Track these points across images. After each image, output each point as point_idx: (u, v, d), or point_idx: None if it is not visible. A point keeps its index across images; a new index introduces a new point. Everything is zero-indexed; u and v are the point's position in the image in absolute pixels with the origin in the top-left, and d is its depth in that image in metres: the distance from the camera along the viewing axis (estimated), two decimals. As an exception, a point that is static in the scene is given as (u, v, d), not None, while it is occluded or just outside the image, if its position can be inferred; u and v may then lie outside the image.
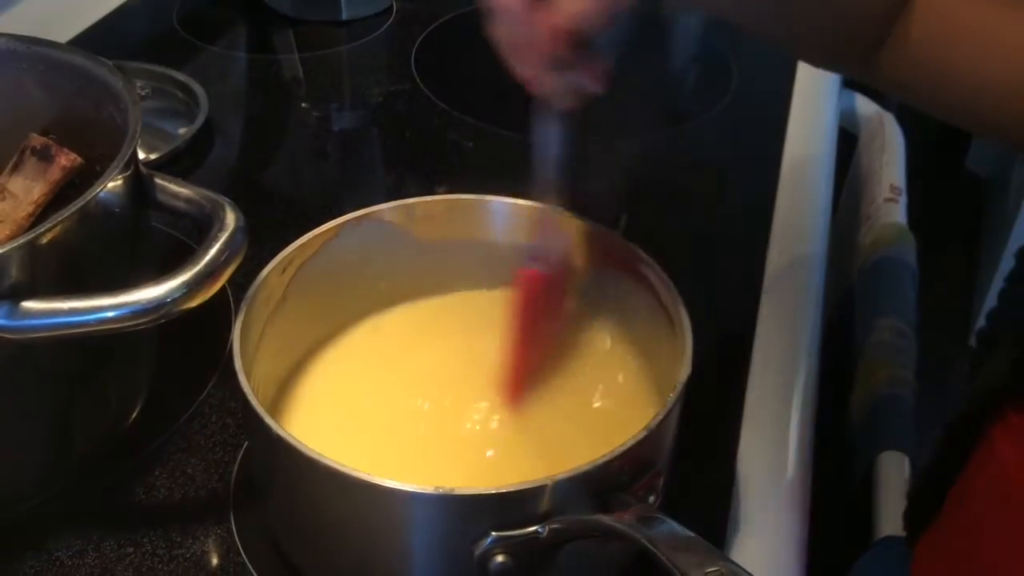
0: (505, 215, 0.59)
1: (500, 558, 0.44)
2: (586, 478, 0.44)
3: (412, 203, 0.58)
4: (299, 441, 0.44)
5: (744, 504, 0.57)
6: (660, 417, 0.46)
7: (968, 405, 0.53)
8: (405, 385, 0.57)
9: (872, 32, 0.53)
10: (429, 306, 0.61)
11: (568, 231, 0.57)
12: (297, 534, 0.51)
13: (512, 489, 0.43)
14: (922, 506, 0.60)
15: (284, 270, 0.54)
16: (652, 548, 0.41)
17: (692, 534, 0.42)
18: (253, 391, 0.47)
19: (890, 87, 0.57)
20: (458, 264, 0.60)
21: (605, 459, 0.44)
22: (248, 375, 0.48)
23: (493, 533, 0.44)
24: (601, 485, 0.45)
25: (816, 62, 0.58)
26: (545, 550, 0.45)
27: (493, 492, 0.43)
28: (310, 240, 0.55)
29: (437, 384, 0.57)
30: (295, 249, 0.54)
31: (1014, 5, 0.50)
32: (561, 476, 0.43)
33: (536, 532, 0.44)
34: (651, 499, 0.46)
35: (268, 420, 0.45)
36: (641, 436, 0.45)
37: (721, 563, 0.40)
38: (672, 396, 0.47)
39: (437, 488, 0.43)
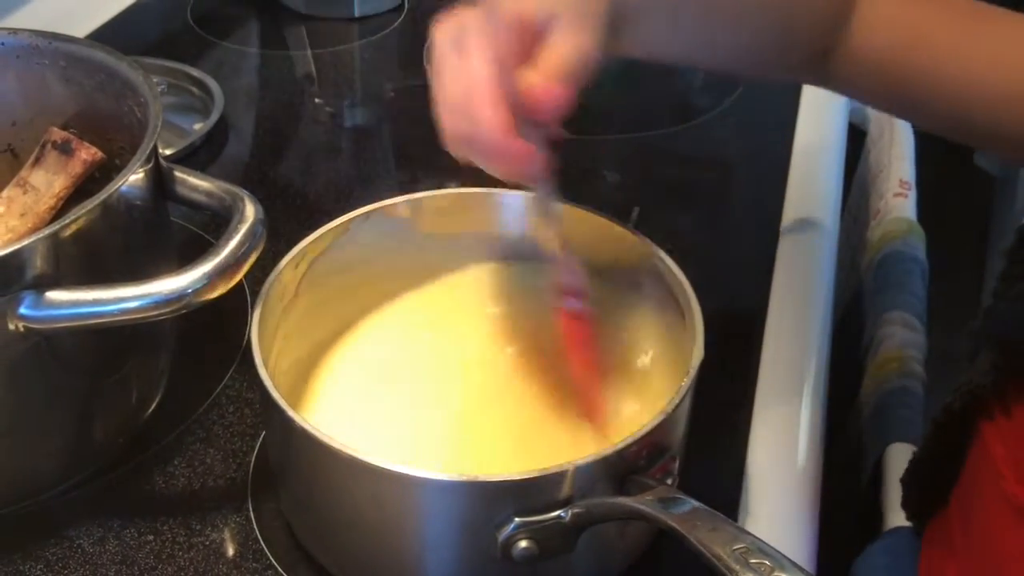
0: (515, 207, 0.59)
1: (524, 543, 0.45)
2: (606, 462, 0.45)
3: (420, 197, 0.58)
4: (320, 431, 0.45)
5: (755, 495, 0.57)
6: (676, 402, 0.47)
7: (952, 400, 0.54)
8: (420, 376, 0.58)
9: (820, 40, 0.55)
10: (441, 298, 0.62)
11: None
12: (313, 524, 0.52)
13: (535, 475, 0.43)
14: (919, 496, 0.61)
15: (297, 265, 0.54)
16: (678, 528, 0.42)
17: (716, 513, 0.43)
18: (272, 382, 0.47)
19: (845, 92, 0.59)
20: (469, 257, 0.61)
21: (624, 443, 0.45)
22: (266, 365, 0.48)
23: (516, 519, 0.44)
24: (621, 469, 0.45)
25: (768, 76, 0.60)
26: (567, 534, 0.45)
27: (517, 478, 0.43)
28: (321, 235, 0.55)
29: (451, 374, 0.58)
30: (307, 244, 0.55)
31: (973, 18, 0.52)
32: (583, 461, 0.44)
33: (559, 516, 0.45)
34: (669, 481, 0.47)
35: (290, 412, 0.46)
36: (658, 420, 0.46)
37: (748, 540, 0.40)
38: (686, 381, 0.48)
39: (461, 474, 0.43)
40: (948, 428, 0.55)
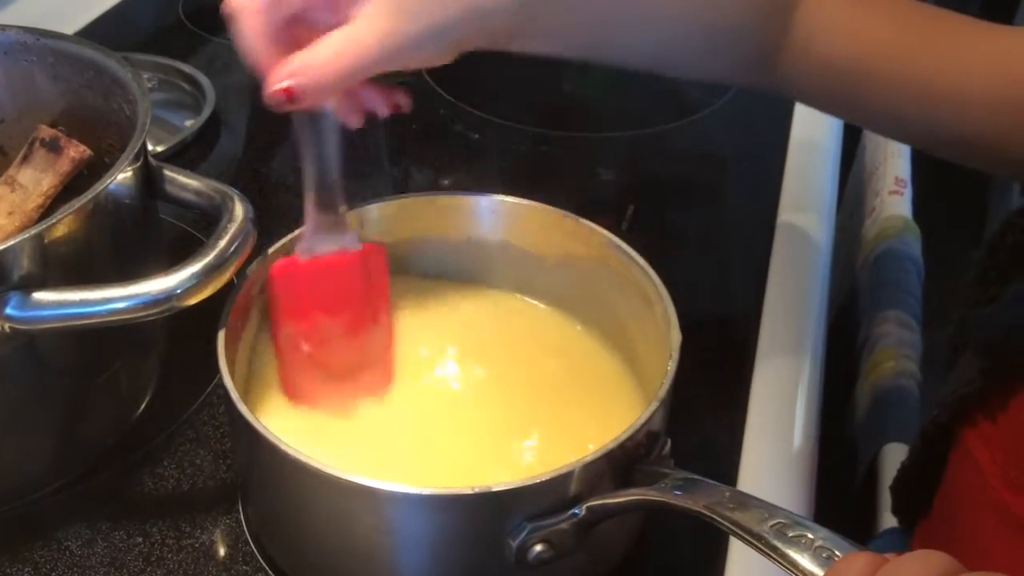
0: (462, 212, 0.58)
1: (538, 547, 0.44)
2: (610, 457, 0.44)
3: (364, 208, 0.57)
4: (326, 464, 0.43)
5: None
6: (667, 386, 0.47)
7: (939, 413, 0.54)
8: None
9: (752, 46, 0.55)
10: (400, 306, 0.60)
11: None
12: (302, 551, 0.50)
13: (543, 478, 0.43)
14: (908, 503, 0.61)
15: (248, 291, 0.53)
16: (707, 513, 0.42)
17: (739, 490, 0.43)
18: (249, 411, 0.46)
19: (797, 98, 0.59)
20: (421, 265, 0.60)
21: (626, 435, 0.45)
22: (233, 380, 0.47)
23: (529, 524, 0.44)
24: (624, 461, 0.45)
25: (699, 78, 0.59)
26: (579, 532, 0.45)
27: (525, 484, 0.43)
28: (267, 258, 0.54)
29: (417, 384, 0.57)
30: (258, 271, 0.53)
31: (931, 24, 0.52)
32: (588, 458, 0.44)
33: (573, 515, 0.44)
34: (669, 465, 0.47)
35: (289, 450, 0.44)
36: (653, 407, 0.46)
37: (782, 514, 0.40)
38: (671, 364, 0.48)
39: (474, 488, 0.43)
40: (935, 439, 0.55)
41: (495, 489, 0.43)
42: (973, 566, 0.51)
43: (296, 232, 0.55)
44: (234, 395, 0.47)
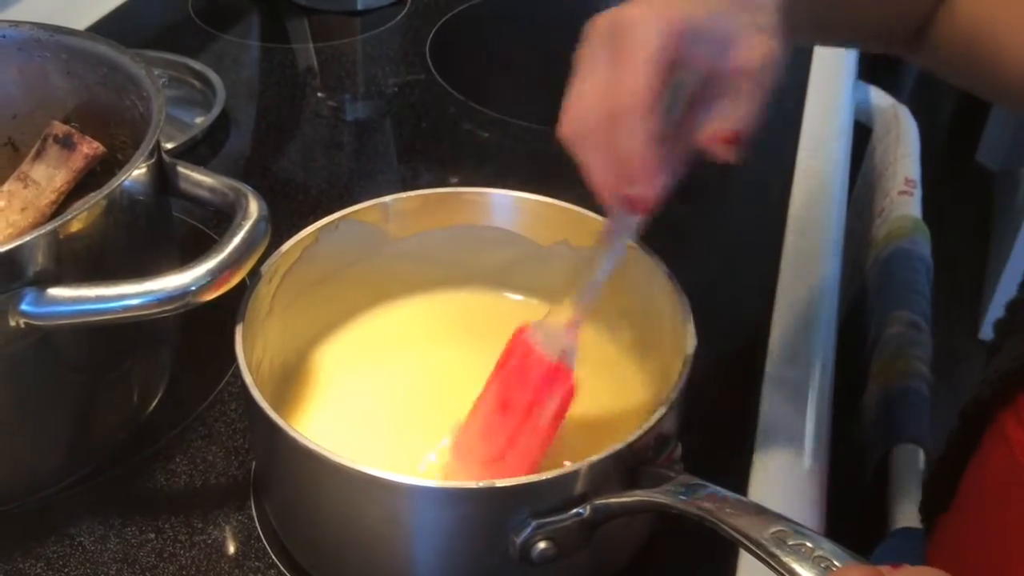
0: (482, 206, 0.59)
1: (542, 544, 0.44)
2: (618, 457, 0.44)
3: (388, 200, 0.58)
4: (330, 450, 0.44)
5: (761, 496, 0.57)
6: (679, 389, 0.47)
7: (981, 390, 0.54)
8: (402, 380, 0.57)
9: (916, 20, 0.55)
10: (418, 301, 0.61)
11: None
12: (314, 540, 0.51)
13: (548, 476, 0.43)
14: (937, 496, 0.61)
15: (270, 280, 0.53)
16: (708, 517, 0.42)
17: (741, 497, 0.43)
18: (263, 398, 0.46)
19: (938, 70, 0.58)
20: (443, 258, 0.60)
21: (635, 436, 0.45)
22: (254, 380, 0.48)
23: (533, 521, 0.44)
24: (631, 462, 0.45)
25: (869, 49, 0.60)
26: (584, 531, 0.45)
27: (530, 480, 0.43)
28: (291, 248, 0.54)
29: (434, 378, 0.57)
30: (278, 259, 0.54)
31: None
32: (595, 458, 0.44)
33: (577, 514, 0.44)
34: (676, 468, 0.47)
35: (297, 435, 0.45)
36: (663, 410, 0.46)
37: (783, 522, 0.40)
38: (684, 368, 0.48)
39: (476, 482, 0.43)
40: (973, 419, 0.55)
41: (499, 484, 0.43)
42: (998, 553, 0.51)
43: (300, 233, 0.55)
44: (252, 387, 0.47)
